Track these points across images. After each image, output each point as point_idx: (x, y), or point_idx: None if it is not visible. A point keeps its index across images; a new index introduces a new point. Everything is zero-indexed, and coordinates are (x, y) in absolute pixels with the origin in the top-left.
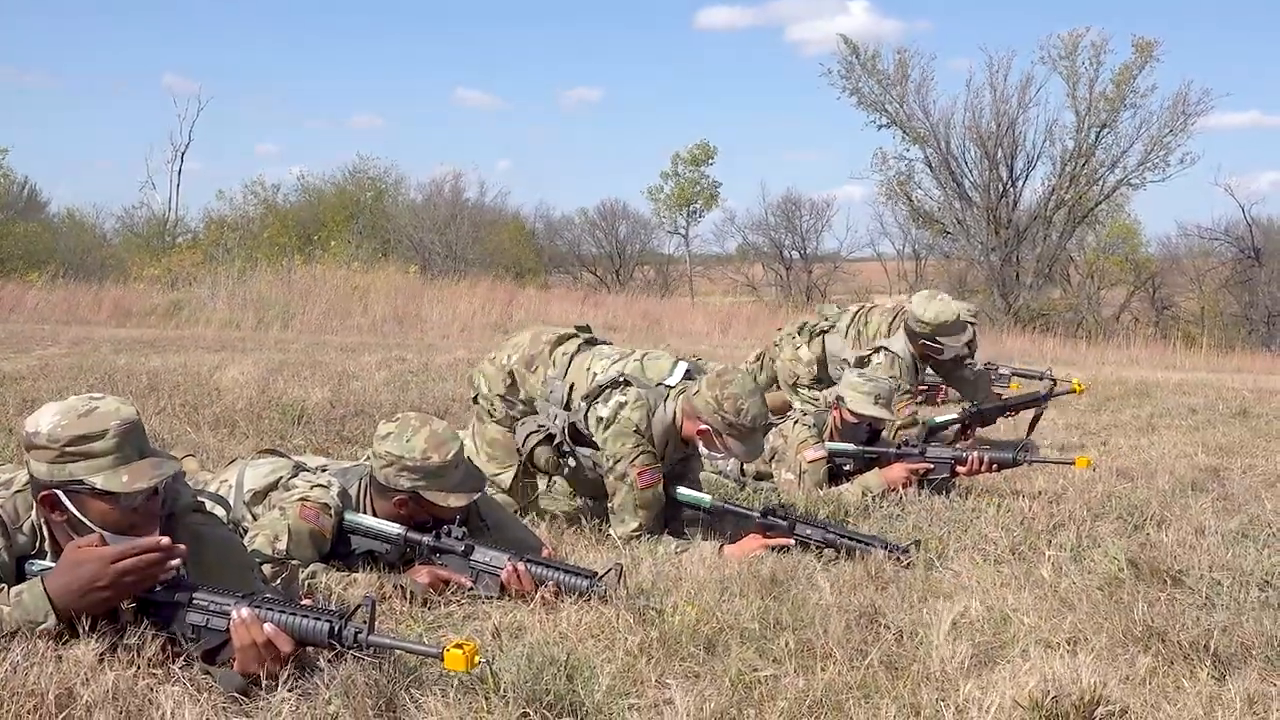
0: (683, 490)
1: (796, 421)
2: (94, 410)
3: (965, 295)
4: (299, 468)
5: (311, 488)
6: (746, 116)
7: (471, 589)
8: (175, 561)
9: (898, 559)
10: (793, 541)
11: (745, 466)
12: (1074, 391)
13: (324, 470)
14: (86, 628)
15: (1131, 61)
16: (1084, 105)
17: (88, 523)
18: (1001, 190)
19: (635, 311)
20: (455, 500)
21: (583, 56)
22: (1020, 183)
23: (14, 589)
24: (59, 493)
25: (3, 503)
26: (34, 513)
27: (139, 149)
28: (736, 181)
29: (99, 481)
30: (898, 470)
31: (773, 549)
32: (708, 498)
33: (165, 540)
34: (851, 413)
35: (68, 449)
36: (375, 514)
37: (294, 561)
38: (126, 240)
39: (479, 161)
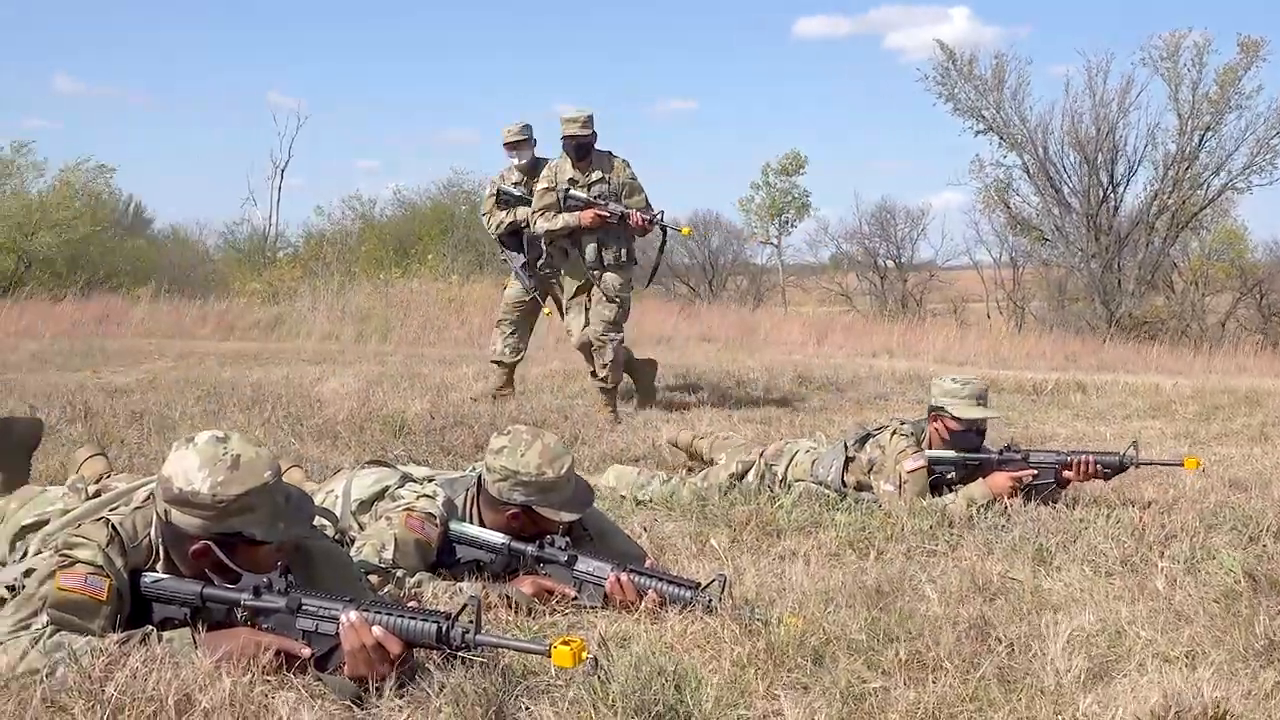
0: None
1: (895, 432)
2: (239, 460)
3: (1066, 303)
4: (405, 478)
5: (417, 498)
6: (840, 125)
7: (575, 599)
8: (306, 652)
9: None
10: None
11: (846, 477)
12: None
13: (430, 481)
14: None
15: (1236, 61)
16: (1187, 107)
17: (233, 566)
18: (1102, 196)
19: (730, 322)
20: (567, 515)
21: (678, 69)
22: (1121, 188)
23: (166, 635)
24: (213, 545)
25: (122, 520)
26: (151, 529)
27: (241, 166)
28: (829, 190)
29: (259, 534)
30: (1001, 479)
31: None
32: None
33: (308, 651)
34: (957, 419)
35: (231, 507)
36: (484, 525)
37: (400, 571)
38: (229, 255)
39: None
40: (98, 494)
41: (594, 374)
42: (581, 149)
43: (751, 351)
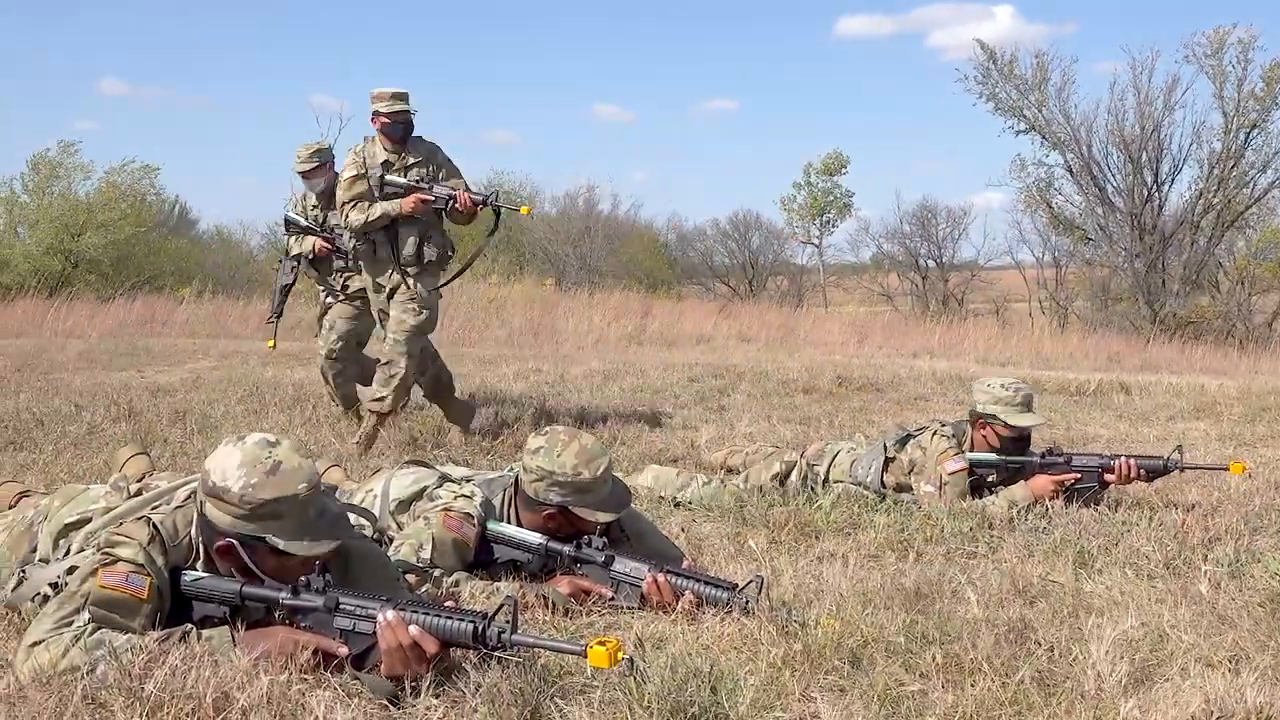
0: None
1: (935, 433)
2: (279, 466)
3: (1109, 303)
4: (443, 478)
5: (455, 498)
6: (881, 125)
7: (612, 599)
8: (343, 651)
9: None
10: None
11: (886, 478)
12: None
13: (468, 481)
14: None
15: None
16: (1232, 105)
17: (254, 569)
18: (1146, 195)
19: (770, 322)
20: (604, 516)
21: (719, 69)
22: (1166, 187)
23: (205, 633)
24: (236, 544)
25: (163, 519)
26: (192, 529)
27: (284, 167)
28: (870, 190)
29: (282, 544)
30: (1043, 481)
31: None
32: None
33: (345, 649)
34: (1008, 426)
35: (259, 510)
36: (521, 525)
37: (437, 571)
38: (271, 256)
39: (614, 174)
40: (139, 493)
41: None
42: (403, 129)
43: (791, 352)
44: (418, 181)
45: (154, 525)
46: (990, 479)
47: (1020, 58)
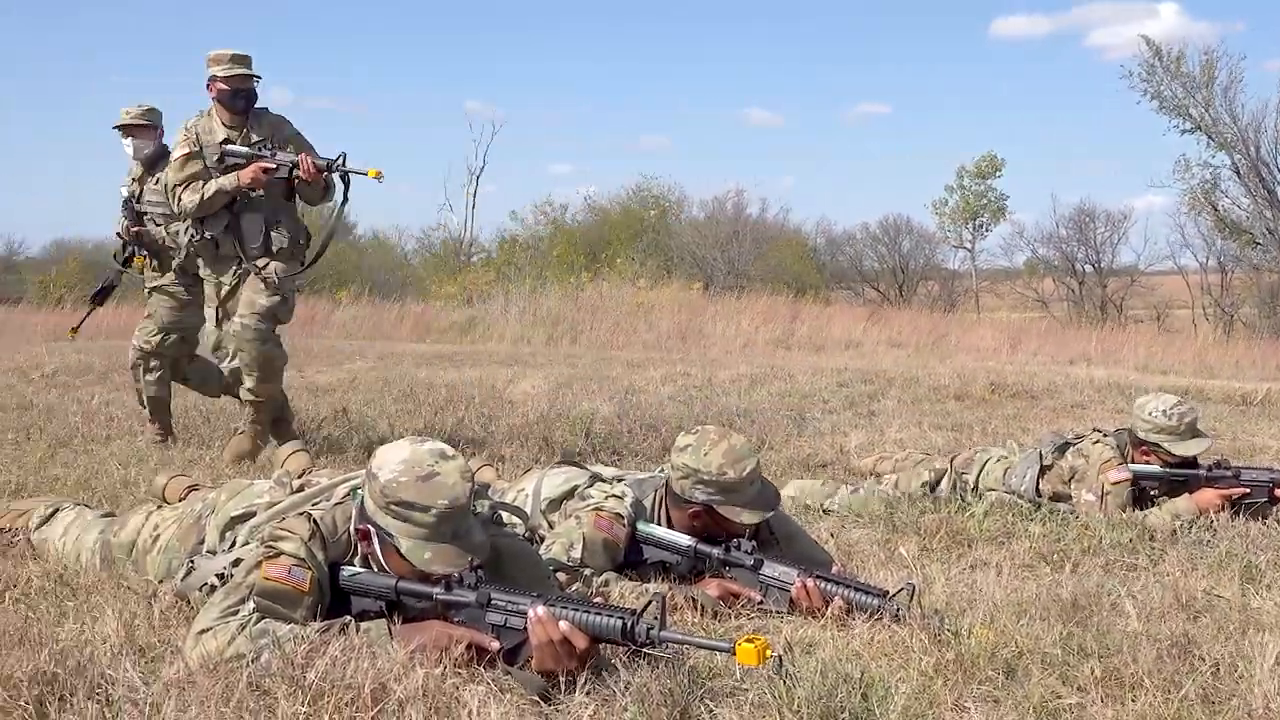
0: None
1: (1098, 441)
2: (433, 478)
3: (1278, 309)
4: (594, 478)
5: (606, 498)
6: (1038, 126)
7: (760, 603)
8: (496, 646)
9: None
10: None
11: (1042, 486)
12: None
13: (619, 481)
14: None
15: None
16: None
17: (378, 559)
18: None
19: (920, 327)
20: (748, 517)
21: (872, 72)
22: None
23: (363, 626)
24: (371, 531)
25: (323, 515)
26: (350, 525)
27: (439, 172)
28: (1025, 193)
29: (404, 547)
30: (1209, 495)
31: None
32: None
33: (497, 644)
34: (1175, 455)
35: (393, 506)
36: (670, 524)
37: (588, 570)
38: (425, 260)
39: (762, 179)
40: (301, 489)
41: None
42: (245, 98)
43: (942, 357)
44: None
45: (314, 521)
46: (1153, 492)
47: (1188, 55)
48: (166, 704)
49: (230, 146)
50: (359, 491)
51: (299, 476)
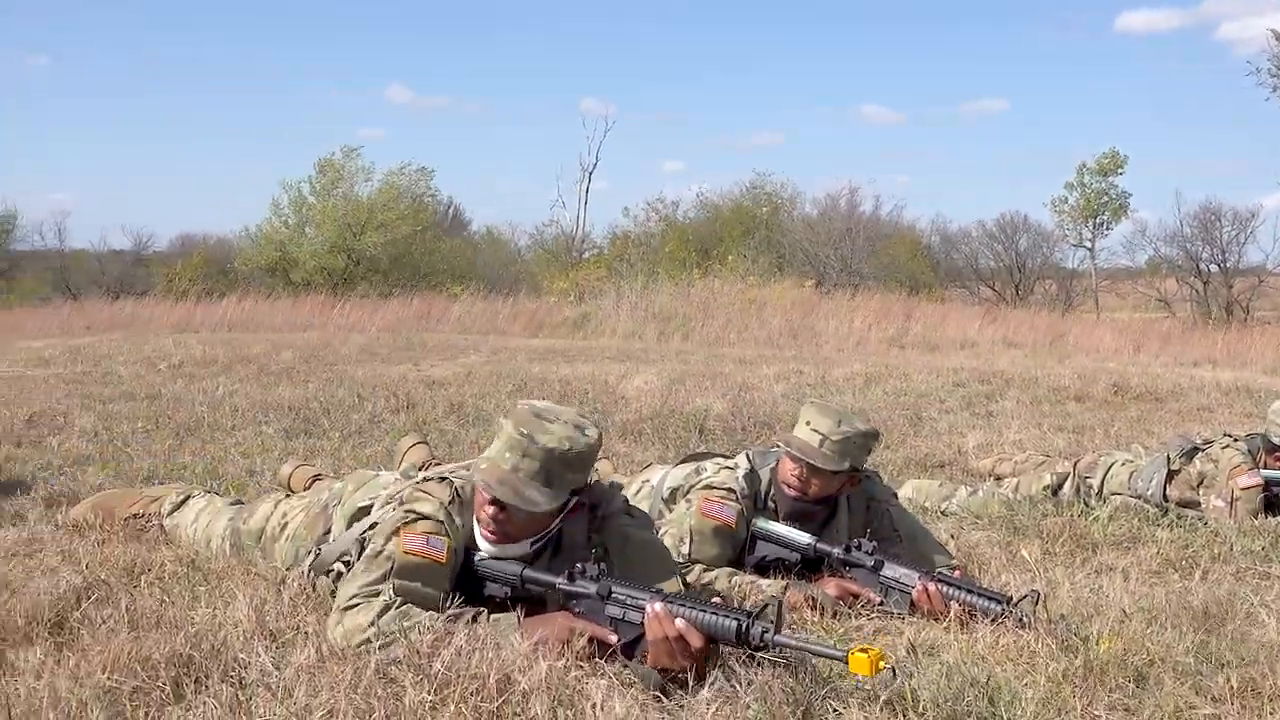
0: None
1: (1228, 446)
2: (547, 421)
3: None
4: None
5: (718, 471)
6: (1163, 122)
7: (881, 604)
8: (614, 639)
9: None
10: None
11: (1169, 491)
12: None
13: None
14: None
15: None
16: None
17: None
18: None
19: (1038, 327)
20: None
21: (991, 68)
22: None
23: (494, 617)
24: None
25: (463, 484)
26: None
27: (552, 169)
28: (1148, 191)
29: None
30: None
31: None
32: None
33: (615, 637)
34: None
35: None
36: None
37: (698, 567)
38: (538, 256)
39: (877, 176)
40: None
41: None
42: None
43: (1061, 358)
44: None
45: (456, 488)
46: None
47: None
48: (298, 688)
49: None
50: None
51: (420, 469)
